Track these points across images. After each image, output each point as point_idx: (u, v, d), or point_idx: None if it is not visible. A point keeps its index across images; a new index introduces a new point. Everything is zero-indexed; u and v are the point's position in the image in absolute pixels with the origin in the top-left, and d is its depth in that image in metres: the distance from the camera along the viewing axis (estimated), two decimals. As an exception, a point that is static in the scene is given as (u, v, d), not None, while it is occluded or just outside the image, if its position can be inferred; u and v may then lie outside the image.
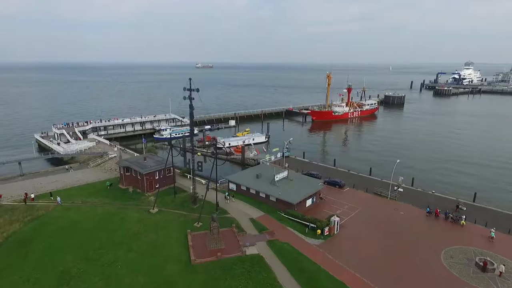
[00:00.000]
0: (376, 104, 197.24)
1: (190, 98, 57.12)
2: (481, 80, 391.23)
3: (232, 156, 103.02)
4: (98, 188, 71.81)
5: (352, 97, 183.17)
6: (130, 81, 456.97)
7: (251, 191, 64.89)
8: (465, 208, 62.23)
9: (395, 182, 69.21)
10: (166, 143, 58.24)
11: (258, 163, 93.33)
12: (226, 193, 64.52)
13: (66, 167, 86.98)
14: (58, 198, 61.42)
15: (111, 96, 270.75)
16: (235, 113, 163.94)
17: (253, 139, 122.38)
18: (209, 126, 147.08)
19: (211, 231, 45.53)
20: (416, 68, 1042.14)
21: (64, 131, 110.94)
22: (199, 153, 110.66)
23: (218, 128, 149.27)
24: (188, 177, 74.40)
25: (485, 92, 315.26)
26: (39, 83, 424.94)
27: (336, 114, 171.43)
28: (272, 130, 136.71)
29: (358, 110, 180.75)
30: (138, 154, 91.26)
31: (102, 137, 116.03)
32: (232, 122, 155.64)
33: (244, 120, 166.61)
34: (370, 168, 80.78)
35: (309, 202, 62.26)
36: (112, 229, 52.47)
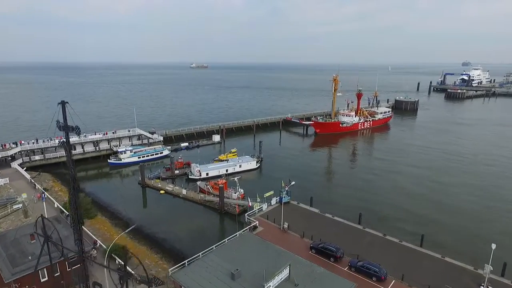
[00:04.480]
0: (390, 112, 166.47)
1: (68, 138, 25.70)
2: (490, 81, 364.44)
3: (206, 198, 71.72)
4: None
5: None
6: (114, 82, 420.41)
7: (219, 313, 33.77)
8: None
9: (474, 268, 38.61)
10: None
11: (245, 210, 63.47)
12: None
13: None
14: None
15: (83, 101, 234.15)
16: (220, 126, 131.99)
17: (240, 166, 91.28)
18: (186, 144, 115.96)
19: None
20: (415, 68, 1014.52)
21: (-28, 160, 78.85)
22: (161, 191, 79.52)
23: (198, 146, 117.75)
24: (116, 261, 43.04)
25: (500, 94, 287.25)
26: (6, 84, 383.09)
27: (344, 125, 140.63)
28: (266, 149, 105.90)
29: (369, 120, 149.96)
30: (64, 213, 59.00)
31: (24, 168, 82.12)
32: (217, 138, 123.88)
33: (232, 133, 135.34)
34: (422, 237, 49.43)
35: None
36: None
